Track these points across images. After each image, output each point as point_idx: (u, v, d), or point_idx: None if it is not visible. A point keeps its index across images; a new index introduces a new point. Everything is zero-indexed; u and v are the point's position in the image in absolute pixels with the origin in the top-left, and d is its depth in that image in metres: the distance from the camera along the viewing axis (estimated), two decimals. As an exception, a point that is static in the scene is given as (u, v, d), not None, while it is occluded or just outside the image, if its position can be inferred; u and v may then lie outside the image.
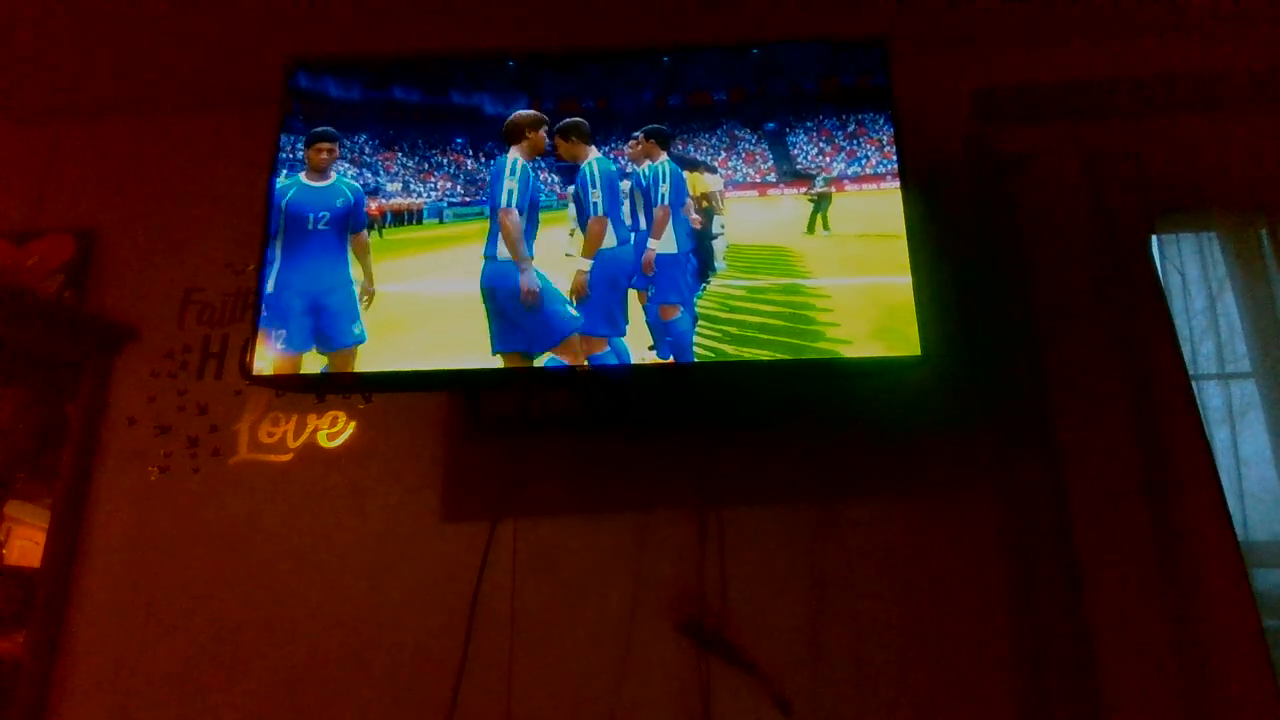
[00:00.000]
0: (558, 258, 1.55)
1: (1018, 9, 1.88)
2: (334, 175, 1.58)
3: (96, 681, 1.72)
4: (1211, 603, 1.50)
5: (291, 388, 1.72)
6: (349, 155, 1.58)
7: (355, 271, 1.57)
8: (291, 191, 1.56)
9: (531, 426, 1.75)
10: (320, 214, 1.55)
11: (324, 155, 1.56)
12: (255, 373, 1.47)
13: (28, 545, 1.83)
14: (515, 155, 1.52)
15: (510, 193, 1.50)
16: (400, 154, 1.61)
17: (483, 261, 1.51)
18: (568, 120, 1.54)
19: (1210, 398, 1.71)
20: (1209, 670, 1.48)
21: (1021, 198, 1.78)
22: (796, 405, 1.75)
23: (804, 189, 1.60)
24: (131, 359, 1.94)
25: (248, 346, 1.48)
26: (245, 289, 1.94)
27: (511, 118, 1.53)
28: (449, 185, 1.65)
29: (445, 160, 1.64)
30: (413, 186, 1.68)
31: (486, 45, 1.82)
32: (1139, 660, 1.53)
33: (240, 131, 2.07)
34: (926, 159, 1.68)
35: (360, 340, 1.54)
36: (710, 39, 1.61)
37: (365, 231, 1.58)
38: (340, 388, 1.73)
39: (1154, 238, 1.79)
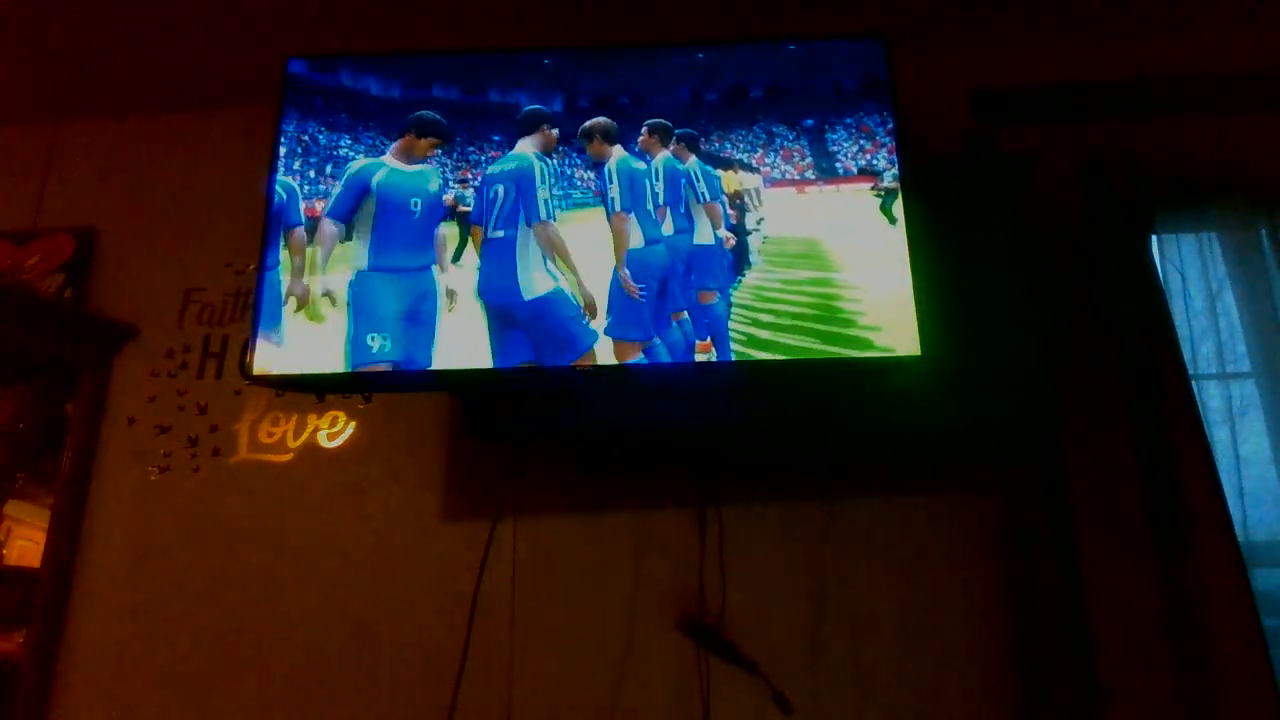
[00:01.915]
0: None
1: (1019, 8, 1.88)
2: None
3: (96, 681, 1.72)
4: (1211, 603, 1.50)
5: (291, 388, 1.72)
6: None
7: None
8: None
9: (531, 425, 1.75)
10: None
11: (554, 134, 1.54)
12: (257, 372, 1.45)
13: (28, 545, 1.83)
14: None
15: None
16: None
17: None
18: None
19: (1210, 398, 1.70)
20: (1209, 670, 1.48)
21: (1022, 197, 1.78)
22: (796, 405, 1.75)
23: (871, 184, 1.60)
24: (131, 359, 1.94)
25: (248, 346, 1.46)
26: (245, 289, 1.94)
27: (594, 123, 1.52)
28: None
29: (484, 159, 1.63)
30: (451, 184, 1.65)
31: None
32: (1139, 660, 1.54)
33: (240, 131, 2.07)
34: (927, 158, 1.67)
35: None
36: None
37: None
38: (340, 388, 1.72)
39: (1154, 237, 1.79)
